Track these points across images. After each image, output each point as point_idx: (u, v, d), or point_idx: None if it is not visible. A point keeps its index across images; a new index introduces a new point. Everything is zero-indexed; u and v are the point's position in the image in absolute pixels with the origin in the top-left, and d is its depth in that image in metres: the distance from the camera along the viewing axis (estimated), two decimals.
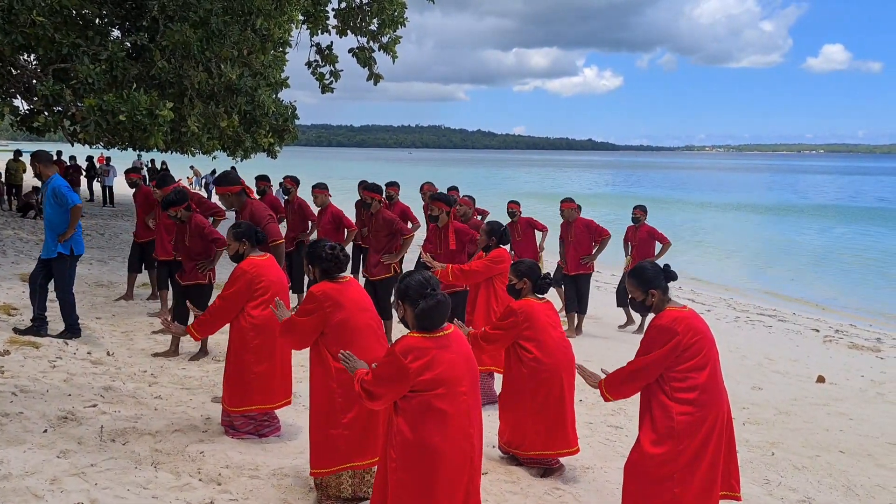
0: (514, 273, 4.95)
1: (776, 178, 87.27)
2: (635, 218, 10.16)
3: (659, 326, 3.72)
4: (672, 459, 3.64)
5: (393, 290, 7.88)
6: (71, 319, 7.05)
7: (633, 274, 3.91)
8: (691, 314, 3.77)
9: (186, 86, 11.86)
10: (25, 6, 10.09)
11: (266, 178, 10.13)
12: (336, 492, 4.13)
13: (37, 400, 5.18)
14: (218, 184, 6.28)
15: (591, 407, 6.63)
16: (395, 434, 3.26)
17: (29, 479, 3.94)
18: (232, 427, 5.05)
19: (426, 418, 3.20)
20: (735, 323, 11.93)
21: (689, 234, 27.81)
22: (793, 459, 5.71)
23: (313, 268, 4.21)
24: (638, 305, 3.95)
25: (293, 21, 14.09)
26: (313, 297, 4.09)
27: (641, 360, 3.75)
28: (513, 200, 10.24)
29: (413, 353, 3.20)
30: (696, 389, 3.65)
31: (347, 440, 4.02)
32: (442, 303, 3.25)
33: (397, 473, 3.23)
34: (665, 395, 3.69)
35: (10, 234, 13.08)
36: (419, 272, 3.40)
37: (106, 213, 20.39)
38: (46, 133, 14.96)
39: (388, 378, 3.24)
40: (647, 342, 3.76)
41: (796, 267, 20.17)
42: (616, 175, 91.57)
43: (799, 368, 8.92)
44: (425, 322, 3.26)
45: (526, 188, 52.88)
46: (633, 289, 3.90)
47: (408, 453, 3.21)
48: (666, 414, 3.66)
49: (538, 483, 4.74)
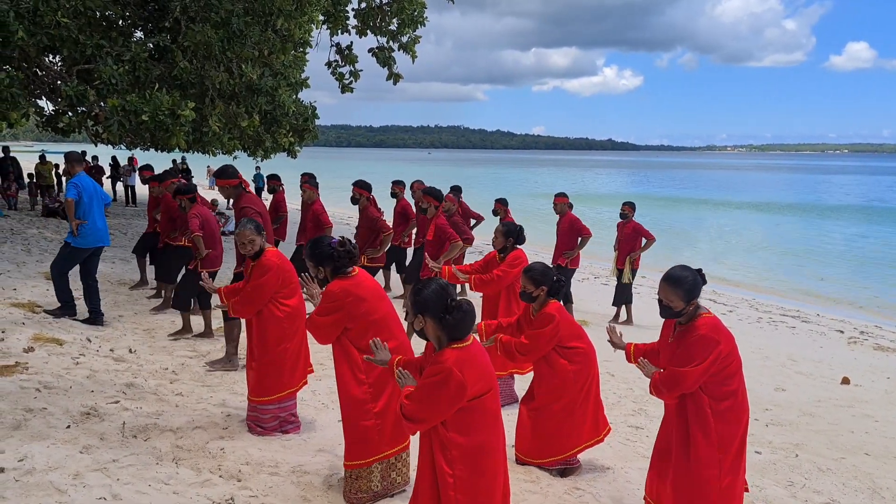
0: (531, 281, 4.73)
1: (799, 178, 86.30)
2: (623, 214, 10.33)
3: (704, 338, 3.58)
4: (718, 464, 3.64)
5: None
6: (63, 296, 7.55)
7: (674, 283, 3.64)
8: (718, 319, 3.74)
9: (208, 86, 11.95)
10: (50, 7, 10.22)
11: (277, 177, 10.42)
12: (367, 484, 4.13)
13: (60, 396, 5.23)
14: (218, 177, 6.61)
15: (610, 407, 6.58)
16: (447, 449, 3.15)
17: (52, 473, 3.97)
18: (259, 424, 5.08)
19: (478, 422, 3.17)
20: (758, 324, 11.81)
21: (710, 233, 27.58)
22: (817, 461, 5.63)
23: (323, 268, 4.13)
24: (669, 313, 3.71)
25: (313, 21, 14.16)
26: (334, 295, 4.05)
27: (689, 371, 3.58)
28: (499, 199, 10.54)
29: (463, 365, 3.11)
30: (732, 395, 3.66)
31: (380, 430, 4.06)
32: (469, 312, 3.17)
33: (462, 487, 3.15)
34: (708, 405, 3.63)
35: (35, 234, 13.25)
36: (432, 282, 3.28)
37: (128, 212, 20.59)
38: (71, 134, 15.14)
39: (449, 398, 3.08)
40: (691, 353, 3.59)
41: (820, 267, 19.91)
42: (639, 175, 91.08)
43: (823, 370, 8.80)
44: (456, 333, 3.17)
45: (555, 188, 52.71)
46: (674, 298, 3.64)
47: (468, 462, 3.15)
48: (708, 421, 3.63)
49: (558, 483, 4.71)
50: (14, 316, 7.21)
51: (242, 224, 5.08)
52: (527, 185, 59.35)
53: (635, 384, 7.23)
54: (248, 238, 5.01)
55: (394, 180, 10.44)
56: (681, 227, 27.70)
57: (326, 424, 5.37)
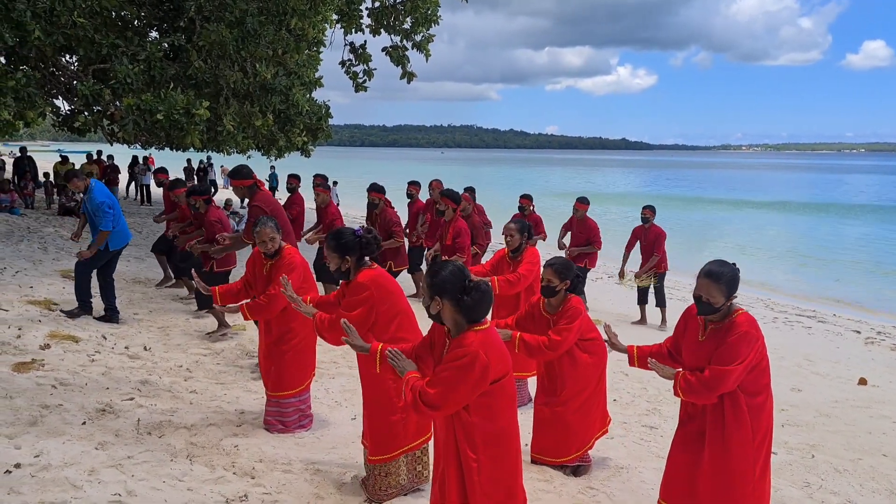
0: (556, 275, 4.70)
1: (815, 178, 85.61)
2: (644, 218, 10.19)
3: (747, 334, 3.50)
4: (754, 460, 3.60)
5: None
6: (82, 296, 7.55)
7: (716, 278, 3.53)
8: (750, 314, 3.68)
9: (222, 85, 12.01)
10: (67, 7, 10.30)
11: (297, 176, 10.42)
12: (395, 479, 4.14)
13: (76, 393, 5.27)
14: (232, 177, 6.57)
15: (625, 406, 6.55)
16: (471, 434, 3.11)
17: (68, 469, 4.00)
18: (282, 420, 5.08)
19: (499, 405, 3.15)
20: (773, 323, 11.71)
21: (726, 232, 27.42)
22: (834, 462, 5.58)
23: (350, 257, 4.04)
24: (709, 309, 3.56)
25: (327, 21, 14.18)
26: (363, 286, 3.97)
27: (733, 369, 3.46)
28: (524, 195, 10.52)
29: (485, 347, 3.07)
30: (765, 389, 3.62)
31: (405, 423, 4.06)
32: (487, 292, 3.12)
33: (486, 471, 3.12)
34: (744, 401, 3.56)
35: (51, 232, 13.36)
36: (449, 263, 3.25)
37: (143, 211, 20.72)
38: (86, 133, 15.25)
39: (474, 382, 3.02)
40: (736, 351, 3.47)
41: (837, 267, 19.74)
42: (652, 175, 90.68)
43: (840, 370, 8.72)
44: (474, 315, 3.12)
45: (568, 187, 52.59)
46: (715, 294, 3.51)
47: (492, 447, 3.13)
48: (745, 417, 3.57)
49: (571, 482, 4.69)
50: (30, 313, 7.28)
51: (262, 222, 5.02)
52: (541, 184, 59.24)
53: (649, 383, 7.19)
54: (268, 236, 4.97)
55: (410, 181, 10.46)
56: (696, 227, 27.57)
57: (340, 422, 5.38)
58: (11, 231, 12.55)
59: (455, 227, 7.78)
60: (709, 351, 3.60)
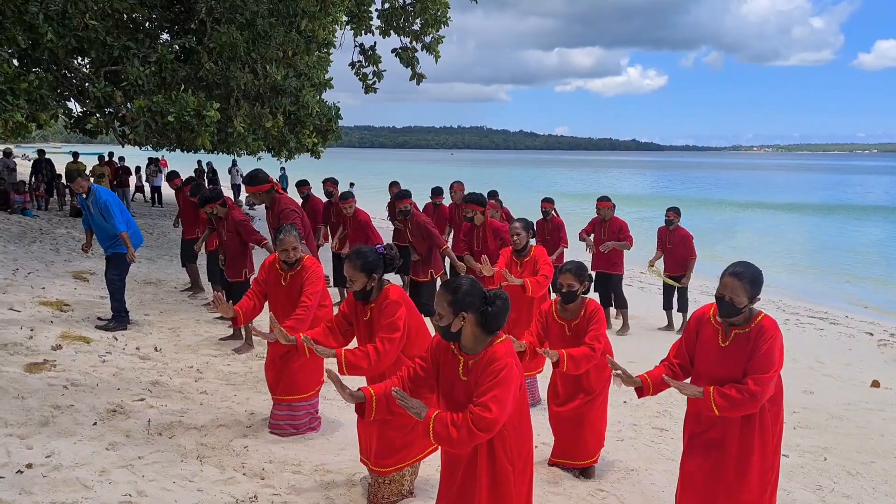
0: (577, 278, 4.64)
1: (827, 179, 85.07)
2: (668, 220, 9.90)
3: (778, 338, 3.42)
4: (773, 465, 3.59)
5: (435, 293, 8.04)
6: (118, 305, 7.45)
7: (741, 277, 3.41)
8: None
9: (233, 87, 12.05)
10: (79, 10, 10.37)
11: (306, 182, 10.27)
12: (399, 487, 4.13)
13: (87, 393, 5.30)
14: (248, 183, 6.42)
15: (635, 408, 6.52)
16: (507, 445, 3.08)
17: (79, 470, 4.02)
18: (293, 424, 5.08)
19: (523, 411, 3.18)
20: (785, 325, 11.64)
21: (737, 234, 27.29)
22: (846, 465, 5.53)
23: (376, 275, 3.91)
24: (732, 310, 3.44)
25: (337, 22, 14.23)
26: (397, 303, 3.89)
27: (771, 375, 3.37)
28: (546, 199, 10.24)
29: (512, 356, 3.06)
30: (780, 391, 3.59)
31: (416, 432, 4.02)
32: (507, 300, 3.10)
33: (519, 481, 3.13)
34: (767, 409, 3.51)
35: (64, 233, 13.44)
36: (463, 278, 3.19)
37: (154, 212, 20.83)
38: (98, 135, 15.34)
39: (515, 393, 3.01)
40: (772, 357, 3.38)
41: (849, 269, 19.60)
42: (663, 175, 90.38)
43: (852, 372, 8.65)
44: (496, 324, 3.08)
45: (581, 189, 52.51)
46: (740, 293, 3.40)
47: (522, 454, 3.15)
48: (767, 423, 3.53)
49: (581, 484, 4.67)
50: (42, 314, 7.32)
51: (287, 230, 4.89)
52: (559, 185, 59.13)
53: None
54: (291, 245, 4.87)
55: (433, 188, 10.25)
56: (706, 228, 27.41)
57: (349, 424, 5.37)
58: (24, 232, 12.64)
59: (493, 229, 7.57)
60: (736, 357, 3.47)
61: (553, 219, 9.73)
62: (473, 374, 3.09)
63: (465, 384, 3.14)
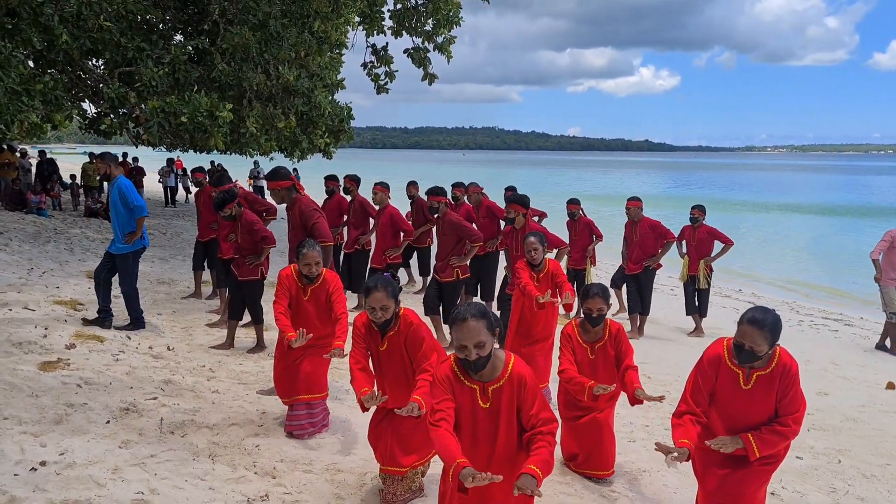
0: (605, 302, 4.62)
1: (842, 179, 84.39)
2: (693, 218, 9.81)
3: (797, 374, 3.51)
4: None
5: (459, 294, 7.95)
6: (135, 313, 7.38)
7: (761, 326, 3.35)
8: None
9: (245, 88, 12.11)
10: (93, 11, 10.45)
11: (335, 177, 10.22)
12: (411, 483, 4.15)
13: (100, 392, 5.33)
14: (269, 179, 6.41)
15: (646, 410, 6.47)
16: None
17: (92, 467, 4.04)
18: (312, 423, 5.09)
19: None
20: (798, 327, 11.56)
21: (751, 235, 27.12)
22: (861, 468, 5.48)
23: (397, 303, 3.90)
24: (751, 358, 3.41)
25: (349, 23, 14.27)
26: (422, 326, 3.94)
27: (801, 415, 3.50)
28: (572, 200, 10.15)
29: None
30: None
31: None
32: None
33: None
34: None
35: (78, 233, 13.54)
36: (477, 304, 3.16)
37: (168, 212, 20.95)
38: (112, 136, 15.45)
39: None
40: (798, 397, 3.48)
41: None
42: (676, 176, 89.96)
43: (867, 374, 8.57)
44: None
45: (594, 189, 52.34)
46: (761, 342, 3.35)
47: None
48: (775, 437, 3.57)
49: (593, 486, 4.66)
50: (57, 313, 7.37)
51: (310, 245, 4.93)
52: (576, 186, 59.01)
53: (672, 386, 7.11)
54: (314, 260, 4.91)
55: (454, 183, 10.13)
56: (723, 228, 27.27)
57: (361, 423, 5.37)
58: (39, 232, 12.74)
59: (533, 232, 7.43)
60: (762, 400, 3.50)
61: (581, 219, 9.93)
62: (504, 396, 3.12)
63: (487, 412, 3.15)
